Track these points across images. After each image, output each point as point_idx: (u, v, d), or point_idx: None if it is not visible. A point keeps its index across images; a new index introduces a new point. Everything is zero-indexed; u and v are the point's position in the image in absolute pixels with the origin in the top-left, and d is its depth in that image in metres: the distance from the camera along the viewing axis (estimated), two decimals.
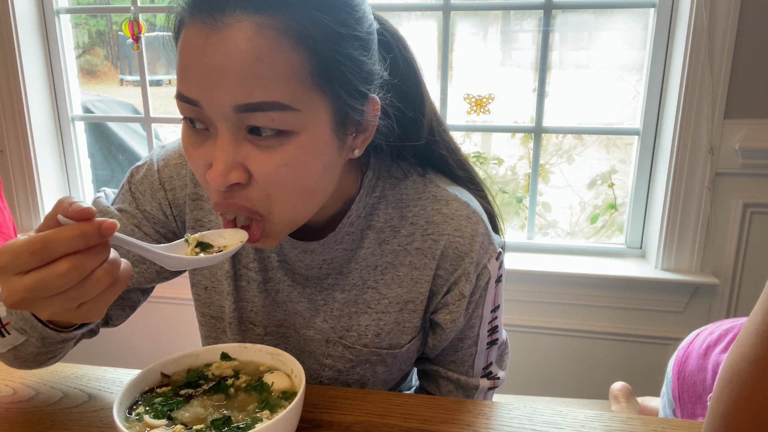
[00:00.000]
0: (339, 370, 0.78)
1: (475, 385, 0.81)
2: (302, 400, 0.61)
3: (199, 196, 0.77)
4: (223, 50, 0.53)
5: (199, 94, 0.55)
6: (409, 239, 0.74)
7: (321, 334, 0.77)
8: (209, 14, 0.53)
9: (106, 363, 2.09)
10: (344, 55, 0.57)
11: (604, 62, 1.95)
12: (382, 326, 0.76)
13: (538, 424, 0.71)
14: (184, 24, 0.56)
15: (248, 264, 0.78)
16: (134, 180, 0.78)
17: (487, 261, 0.75)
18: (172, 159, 0.78)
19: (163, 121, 2.09)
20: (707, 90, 1.53)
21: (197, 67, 0.54)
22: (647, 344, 1.76)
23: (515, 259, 1.78)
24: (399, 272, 0.75)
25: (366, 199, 0.73)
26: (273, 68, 0.53)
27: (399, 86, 0.68)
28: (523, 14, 1.96)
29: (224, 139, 0.56)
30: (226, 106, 0.54)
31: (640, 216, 1.78)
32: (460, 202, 0.74)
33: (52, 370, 0.82)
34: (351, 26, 0.58)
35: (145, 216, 0.77)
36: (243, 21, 0.52)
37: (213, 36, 0.53)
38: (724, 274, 1.67)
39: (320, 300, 0.76)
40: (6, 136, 1.92)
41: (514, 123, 1.98)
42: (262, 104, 0.54)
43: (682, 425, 0.71)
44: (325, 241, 0.72)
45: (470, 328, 0.78)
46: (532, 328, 1.80)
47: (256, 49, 0.53)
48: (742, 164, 1.57)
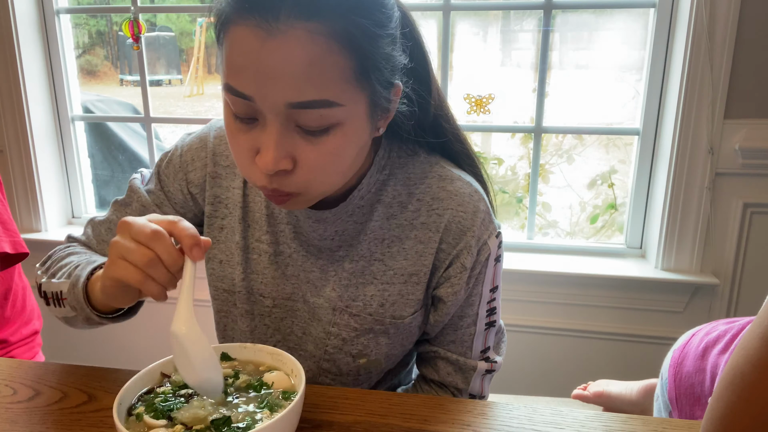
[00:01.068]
0: (344, 339, 0.81)
1: (473, 367, 0.83)
2: (302, 400, 0.61)
3: (218, 174, 0.84)
4: (278, 54, 0.58)
5: (253, 91, 0.60)
6: (415, 214, 0.79)
7: (329, 302, 0.80)
8: (263, 18, 0.57)
9: (106, 363, 2.09)
10: (380, 53, 0.63)
11: (604, 62, 1.95)
12: (386, 297, 0.79)
13: (538, 424, 0.71)
14: (231, 21, 0.60)
15: (260, 237, 0.83)
16: (162, 164, 0.87)
17: (488, 237, 0.79)
18: (194, 144, 0.85)
19: (163, 121, 2.09)
20: (707, 90, 1.53)
21: (253, 67, 0.59)
22: (647, 344, 1.76)
23: (515, 259, 1.78)
24: (405, 245, 0.79)
25: (376, 176, 0.78)
26: (323, 70, 0.59)
27: (413, 69, 0.73)
28: (523, 14, 1.96)
29: (275, 130, 0.62)
30: (279, 103, 0.60)
31: (640, 216, 1.78)
32: (464, 181, 0.79)
33: (53, 370, 0.82)
34: (385, 25, 0.63)
35: (168, 197, 0.86)
36: (297, 28, 0.57)
37: (269, 41, 0.58)
38: (724, 274, 1.67)
39: (331, 270, 0.81)
40: (6, 136, 1.92)
41: (514, 123, 1.98)
42: (313, 102, 0.60)
43: (682, 425, 0.71)
44: (337, 211, 0.78)
45: (470, 305, 0.82)
46: (532, 328, 1.80)
47: (309, 54, 0.58)
48: (742, 164, 1.57)
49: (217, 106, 3.49)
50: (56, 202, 2.05)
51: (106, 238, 0.86)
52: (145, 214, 0.81)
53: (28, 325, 1.19)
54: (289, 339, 0.85)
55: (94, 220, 0.89)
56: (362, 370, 0.83)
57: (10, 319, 1.15)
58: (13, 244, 1.04)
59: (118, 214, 0.86)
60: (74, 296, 0.72)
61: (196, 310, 0.59)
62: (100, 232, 0.87)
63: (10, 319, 1.15)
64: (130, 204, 0.86)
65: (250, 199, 0.83)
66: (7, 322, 1.14)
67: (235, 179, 0.84)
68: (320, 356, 0.83)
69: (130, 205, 0.86)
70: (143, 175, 0.89)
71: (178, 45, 3.94)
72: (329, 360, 0.83)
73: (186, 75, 4.49)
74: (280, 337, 0.85)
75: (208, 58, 4.32)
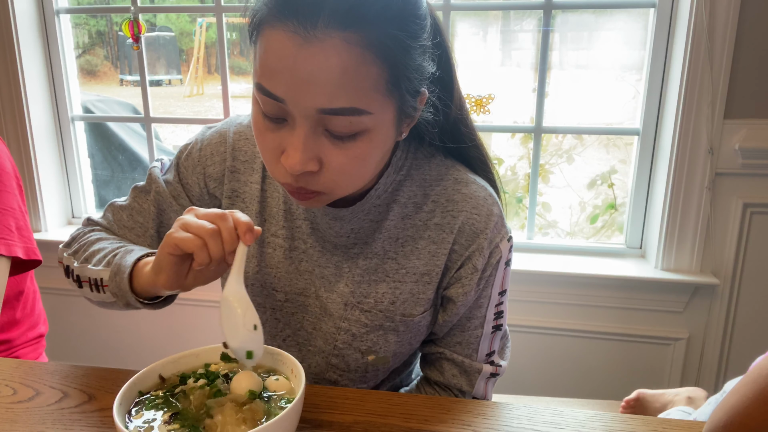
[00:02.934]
0: (354, 335, 0.82)
1: (478, 369, 0.83)
2: (302, 400, 0.61)
3: (236, 169, 0.85)
4: (314, 61, 0.59)
5: (286, 94, 0.61)
6: (429, 215, 0.80)
7: (341, 298, 0.81)
8: (301, 25, 0.58)
9: (106, 363, 2.09)
10: (411, 64, 0.64)
11: (604, 62, 1.95)
12: (398, 295, 0.80)
13: (538, 424, 0.71)
14: (266, 23, 0.61)
15: (277, 231, 0.84)
16: (182, 156, 0.87)
17: (500, 241, 0.80)
18: (213, 138, 0.86)
19: (163, 121, 2.09)
20: (707, 90, 1.53)
21: (287, 71, 0.60)
22: (647, 344, 1.76)
23: (515, 259, 1.77)
24: (418, 245, 0.80)
25: (393, 176, 0.79)
26: (356, 80, 0.60)
27: (440, 77, 0.73)
28: (523, 14, 1.96)
29: (303, 132, 0.63)
30: (311, 108, 0.61)
31: (640, 216, 1.78)
32: (479, 185, 0.81)
33: (53, 370, 0.82)
34: (419, 36, 0.64)
35: (185, 189, 0.86)
36: (333, 37, 0.58)
37: (305, 47, 0.58)
38: (724, 274, 1.67)
39: (345, 267, 0.82)
40: (6, 136, 1.92)
41: (514, 123, 1.98)
42: (344, 110, 0.61)
43: (683, 425, 0.71)
44: (354, 209, 0.78)
45: (478, 307, 0.82)
46: (532, 328, 1.80)
47: (344, 63, 0.59)
48: (742, 164, 1.57)
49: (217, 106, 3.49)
50: (56, 202, 2.05)
51: (128, 224, 0.87)
52: (161, 205, 0.85)
53: (35, 328, 1.20)
54: (299, 334, 0.86)
55: (114, 204, 0.90)
56: (370, 366, 0.84)
57: (20, 320, 1.16)
58: (26, 250, 1.05)
59: (139, 200, 0.87)
60: (116, 284, 0.74)
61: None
62: (122, 218, 0.87)
63: (20, 321, 1.16)
64: (149, 192, 0.87)
65: (268, 194, 0.84)
66: (16, 324, 1.15)
67: (254, 174, 0.85)
68: (329, 351, 0.84)
69: (149, 192, 0.87)
70: (163, 163, 0.89)
71: (178, 45, 3.94)
72: (338, 356, 0.83)
73: (186, 75, 4.49)
74: (290, 331, 0.86)
75: (207, 58, 4.32)
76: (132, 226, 0.86)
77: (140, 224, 0.86)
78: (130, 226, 0.86)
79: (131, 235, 0.86)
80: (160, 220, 0.86)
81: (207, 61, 4.52)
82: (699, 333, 1.72)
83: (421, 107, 0.71)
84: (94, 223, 0.89)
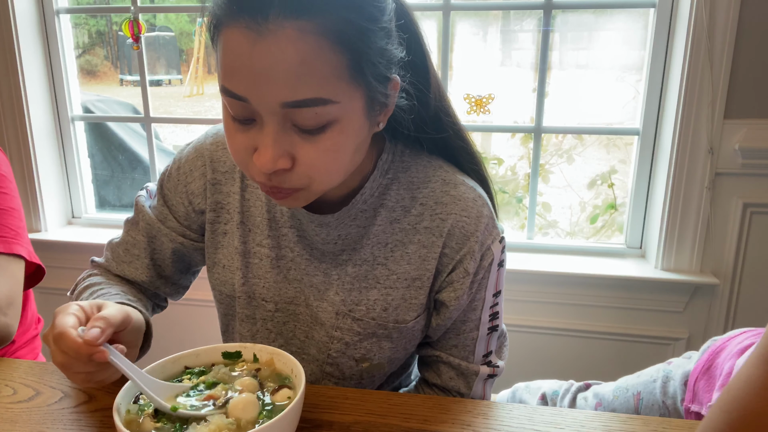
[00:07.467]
0: (347, 343, 0.81)
1: (475, 371, 0.83)
2: (302, 400, 0.61)
3: (217, 180, 0.84)
4: (270, 55, 0.58)
5: (247, 92, 0.60)
6: (418, 219, 0.78)
7: (332, 306, 0.80)
8: (253, 20, 0.57)
9: None
10: (373, 48, 0.62)
11: (604, 62, 1.95)
12: (389, 301, 0.79)
13: (538, 424, 0.71)
14: (222, 24, 0.60)
15: (262, 241, 0.82)
16: (164, 179, 0.88)
17: (491, 243, 0.79)
18: (190, 155, 0.86)
19: (163, 121, 2.09)
20: (707, 90, 1.53)
21: (245, 68, 0.59)
22: (647, 344, 1.76)
23: (515, 259, 1.78)
24: (408, 250, 0.79)
25: (379, 180, 0.78)
26: (315, 69, 0.59)
27: (411, 62, 0.71)
28: (523, 14, 1.96)
29: (272, 129, 0.62)
30: (274, 103, 0.60)
31: (640, 216, 1.78)
32: (467, 186, 0.79)
33: (53, 370, 0.82)
34: (377, 19, 0.63)
35: (171, 210, 0.86)
36: (286, 27, 0.57)
37: (260, 42, 0.58)
38: (723, 274, 1.67)
39: (334, 274, 0.80)
40: (6, 136, 1.92)
41: (514, 123, 1.98)
42: (307, 101, 0.60)
43: (683, 425, 0.71)
44: (339, 215, 0.77)
45: (473, 310, 0.81)
46: (532, 328, 1.80)
47: (300, 53, 0.58)
48: (742, 164, 1.57)
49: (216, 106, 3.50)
50: (56, 202, 2.05)
51: (125, 259, 0.88)
52: (151, 232, 0.86)
53: (30, 329, 1.20)
54: (292, 343, 0.85)
55: (111, 243, 0.92)
56: (365, 373, 0.83)
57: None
58: (29, 254, 1.07)
59: (131, 233, 0.89)
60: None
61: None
62: (119, 253, 0.89)
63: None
64: (138, 223, 0.88)
65: (250, 204, 0.83)
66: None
67: (234, 184, 0.83)
68: (323, 360, 0.82)
69: (137, 224, 0.88)
70: (149, 190, 0.90)
71: (178, 45, 3.94)
72: (332, 364, 0.82)
73: (186, 75, 4.49)
74: (283, 341, 0.85)
75: (207, 58, 4.32)
76: (129, 260, 0.88)
77: (136, 256, 0.88)
78: (128, 261, 0.88)
79: (129, 268, 0.88)
80: (152, 248, 0.87)
81: (207, 60, 4.51)
82: (699, 333, 1.72)
83: (394, 93, 0.69)
84: (96, 265, 0.92)
